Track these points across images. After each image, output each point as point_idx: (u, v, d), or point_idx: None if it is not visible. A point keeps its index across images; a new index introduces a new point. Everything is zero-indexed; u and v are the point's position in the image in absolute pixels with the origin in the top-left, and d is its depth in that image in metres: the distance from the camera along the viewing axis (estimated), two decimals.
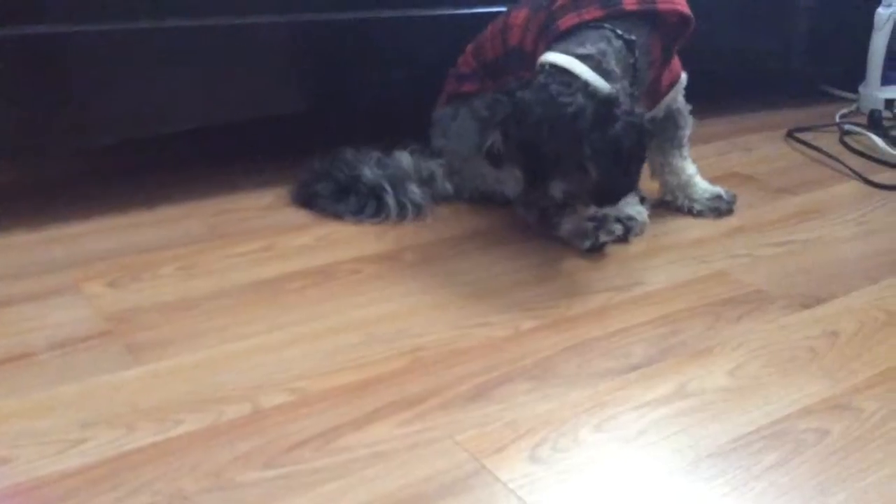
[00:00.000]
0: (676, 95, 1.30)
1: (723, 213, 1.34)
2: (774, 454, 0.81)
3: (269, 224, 1.27)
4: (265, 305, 1.05)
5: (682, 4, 1.19)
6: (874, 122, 1.77)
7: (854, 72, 1.94)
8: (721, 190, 1.36)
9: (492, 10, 1.37)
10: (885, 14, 1.85)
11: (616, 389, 0.90)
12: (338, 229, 1.26)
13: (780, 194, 1.45)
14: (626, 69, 1.14)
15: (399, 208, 1.29)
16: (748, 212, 1.37)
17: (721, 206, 1.34)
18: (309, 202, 1.32)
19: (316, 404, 0.86)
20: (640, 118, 1.08)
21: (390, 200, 1.29)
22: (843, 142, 1.71)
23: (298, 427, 0.82)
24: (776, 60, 1.95)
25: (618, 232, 1.22)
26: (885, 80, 1.89)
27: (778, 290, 1.12)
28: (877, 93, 1.89)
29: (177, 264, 1.14)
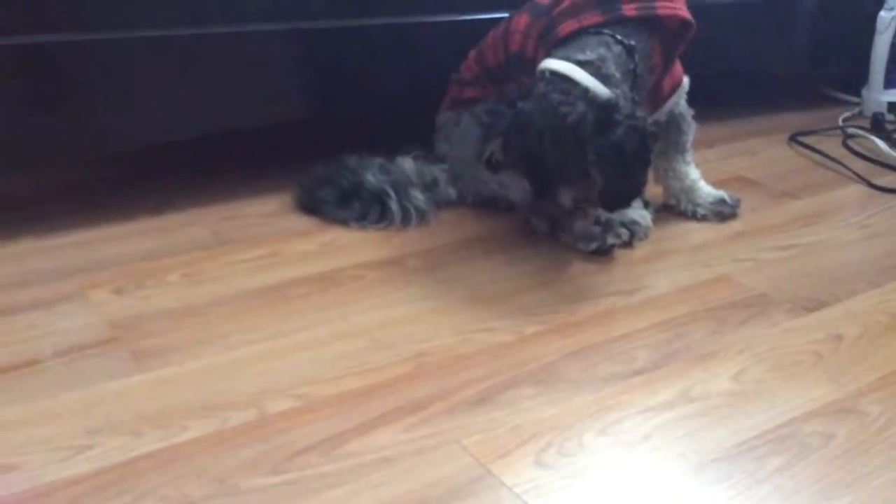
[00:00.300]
0: (679, 100, 1.30)
1: (726, 217, 1.35)
2: (779, 458, 0.81)
3: (274, 231, 1.27)
4: (270, 312, 1.05)
5: (683, 9, 1.19)
6: (877, 126, 1.77)
7: (857, 75, 1.94)
8: (724, 194, 1.36)
9: (494, 15, 1.38)
10: (888, 17, 1.85)
11: (620, 394, 0.90)
12: (342, 235, 1.27)
13: (784, 198, 1.45)
14: (626, 74, 1.14)
15: (403, 214, 1.29)
16: (752, 216, 1.37)
17: (725, 211, 1.35)
18: (313, 208, 1.32)
19: (321, 410, 0.86)
20: (642, 121, 1.08)
21: (394, 206, 1.29)
22: (847, 145, 1.71)
23: (304, 433, 0.83)
24: (779, 64, 1.96)
25: (622, 236, 1.22)
26: (888, 83, 1.89)
27: (782, 294, 1.12)
28: (880, 96, 1.89)
29: (182, 271, 1.14)
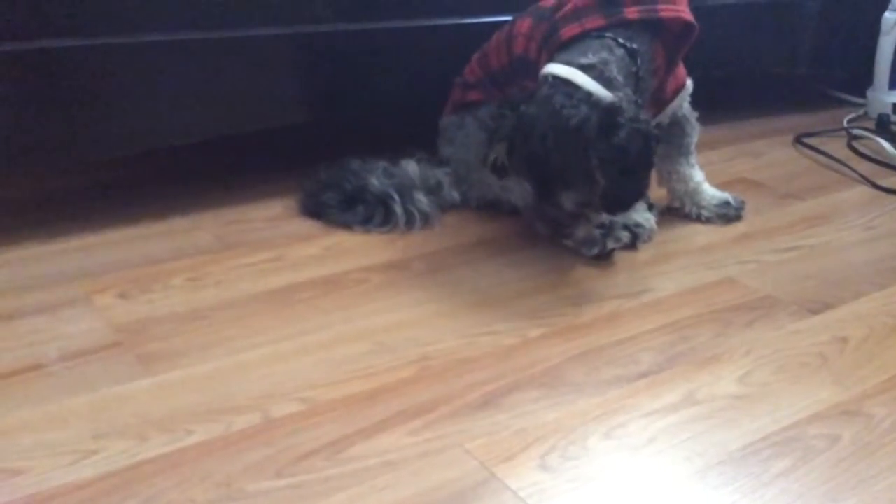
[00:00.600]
0: (682, 102, 1.30)
1: (731, 219, 1.34)
2: (784, 461, 0.81)
3: (278, 234, 1.27)
4: (274, 315, 1.05)
5: (685, 11, 1.19)
6: (882, 126, 1.77)
7: (862, 76, 1.94)
8: (729, 196, 1.36)
9: (497, 19, 1.38)
10: (893, 18, 1.85)
11: (625, 397, 0.90)
12: (346, 239, 1.27)
13: (788, 200, 1.45)
14: (628, 77, 1.14)
15: (406, 217, 1.30)
16: (756, 218, 1.37)
17: (729, 213, 1.34)
18: (317, 212, 1.32)
19: (326, 414, 0.86)
20: (645, 124, 1.08)
21: (398, 209, 1.29)
22: (852, 146, 1.70)
23: (308, 436, 0.83)
24: (784, 65, 1.95)
25: (625, 239, 1.22)
26: (892, 84, 1.88)
27: (786, 296, 1.12)
28: (885, 97, 1.88)
29: (186, 275, 1.15)
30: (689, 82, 1.30)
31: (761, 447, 0.83)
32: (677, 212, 1.36)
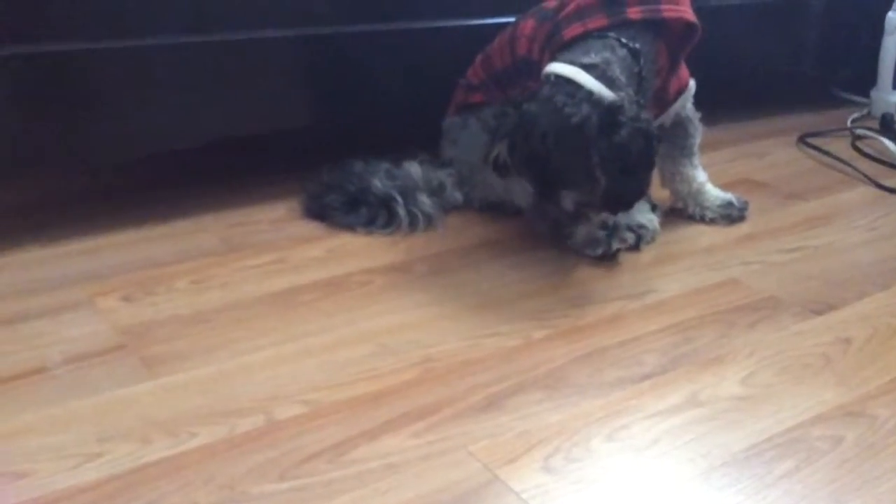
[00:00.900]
0: (685, 103, 1.29)
1: (734, 219, 1.34)
2: (788, 462, 0.81)
3: (281, 237, 1.28)
4: (278, 317, 1.05)
5: (688, 12, 1.19)
6: (886, 126, 1.76)
7: (865, 76, 1.94)
8: (732, 197, 1.36)
9: (500, 20, 1.38)
10: None
11: (628, 398, 0.90)
12: (349, 241, 1.27)
13: (792, 200, 1.45)
14: (631, 77, 1.14)
15: (410, 219, 1.30)
16: (760, 218, 1.36)
17: (732, 213, 1.34)
18: (320, 214, 1.33)
19: (329, 416, 0.86)
20: (646, 123, 1.08)
21: (401, 211, 1.29)
22: (855, 146, 1.70)
23: (312, 439, 0.83)
24: (787, 65, 1.95)
25: (629, 240, 1.22)
26: None
27: (790, 296, 1.12)
28: (888, 97, 1.88)
29: (190, 278, 1.15)
30: (692, 83, 1.30)
31: (765, 448, 0.83)
32: (681, 213, 1.36)
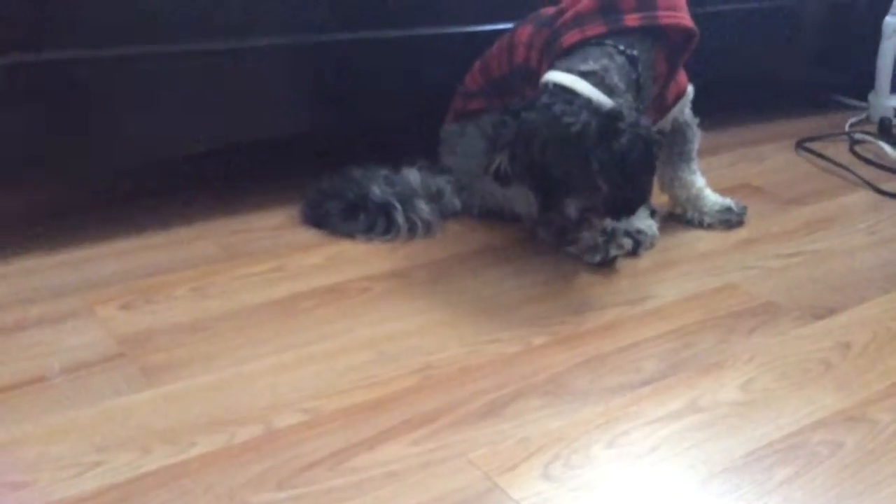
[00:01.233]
0: (683, 108, 1.30)
1: (733, 225, 1.34)
2: (788, 468, 0.81)
3: (281, 244, 1.27)
4: (277, 325, 1.05)
5: (685, 18, 1.19)
6: (884, 130, 1.77)
7: (863, 80, 1.94)
8: (731, 202, 1.36)
9: (498, 27, 1.38)
10: (893, 23, 1.85)
11: (628, 405, 0.90)
12: (348, 248, 1.27)
13: (791, 205, 1.45)
14: (629, 84, 1.14)
15: (408, 226, 1.30)
16: (759, 223, 1.36)
17: (731, 218, 1.34)
18: (319, 222, 1.32)
19: (328, 424, 0.86)
20: (646, 129, 1.08)
21: (399, 218, 1.29)
22: (854, 151, 1.70)
23: (311, 447, 0.83)
24: (785, 70, 1.95)
25: (627, 246, 1.22)
26: (894, 87, 1.88)
27: (789, 301, 1.12)
28: (887, 101, 1.88)
29: (189, 286, 1.15)
30: (690, 88, 1.30)
31: (765, 454, 0.83)
32: (679, 218, 1.36)
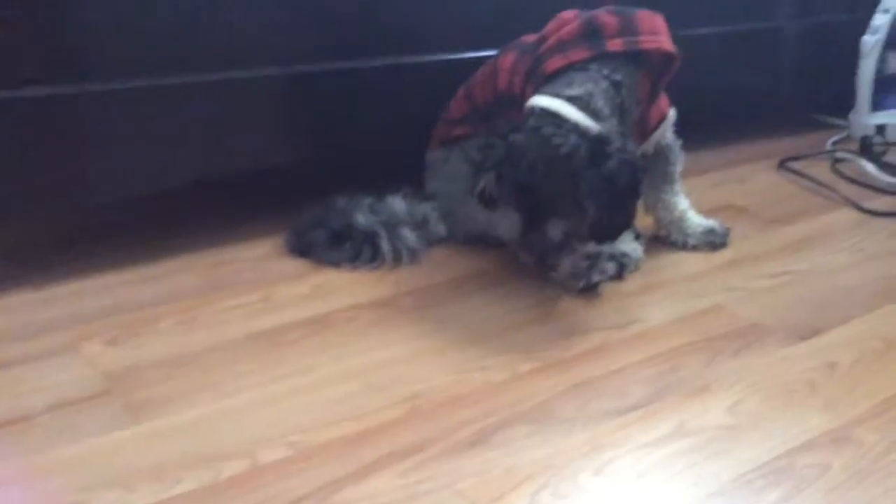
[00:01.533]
0: (665, 132, 1.31)
1: (717, 246, 1.35)
2: (777, 491, 0.81)
3: (265, 275, 1.27)
4: (263, 358, 1.05)
5: (666, 42, 1.20)
6: (865, 149, 1.78)
7: (844, 99, 1.96)
8: (715, 223, 1.36)
9: (481, 54, 1.39)
10: (871, 41, 1.87)
11: (615, 431, 0.90)
12: (334, 277, 1.26)
13: (774, 225, 1.46)
14: (614, 109, 1.15)
15: (394, 253, 1.30)
16: (743, 244, 1.37)
17: (715, 240, 1.35)
18: (304, 251, 1.32)
19: (314, 458, 0.86)
20: (632, 154, 1.09)
21: (385, 246, 1.29)
22: (836, 169, 1.71)
23: (297, 482, 0.82)
24: (766, 90, 1.97)
25: (610, 271, 1.22)
26: (874, 105, 1.90)
27: (775, 322, 1.12)
28: (867, 119, 1.90)
29: (174, 319, 1.14)
30: (672, 111, 1.31)
31: (753, 477, 0.82)
32: (664, 240, 1.36)
